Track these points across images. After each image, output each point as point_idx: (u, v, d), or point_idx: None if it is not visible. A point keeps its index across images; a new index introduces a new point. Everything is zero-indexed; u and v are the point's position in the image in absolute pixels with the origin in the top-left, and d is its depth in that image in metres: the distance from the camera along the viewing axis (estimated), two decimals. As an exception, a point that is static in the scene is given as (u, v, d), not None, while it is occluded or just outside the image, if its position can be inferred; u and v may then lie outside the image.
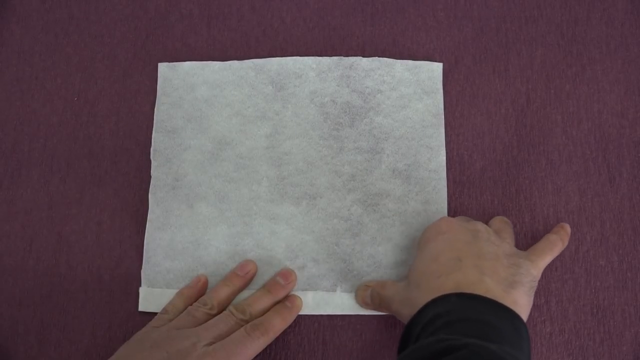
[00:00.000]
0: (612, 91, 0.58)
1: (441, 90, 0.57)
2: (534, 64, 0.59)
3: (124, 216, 0.56)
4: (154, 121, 0.57)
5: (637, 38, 0.59)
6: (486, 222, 0.52)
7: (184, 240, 0.55)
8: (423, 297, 0.44)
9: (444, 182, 0.55)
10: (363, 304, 0.52)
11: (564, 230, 0.52)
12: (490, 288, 0.43)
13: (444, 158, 0.56)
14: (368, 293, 0.51)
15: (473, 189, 0.56)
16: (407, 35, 0.60)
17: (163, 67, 0.59)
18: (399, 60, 0.58)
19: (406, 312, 0.46)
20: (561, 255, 0.53)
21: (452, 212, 0.55)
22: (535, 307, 0.52)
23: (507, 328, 0.41)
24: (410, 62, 0.58)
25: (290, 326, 0.52)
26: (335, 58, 0.58)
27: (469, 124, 0.57)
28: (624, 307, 0.53)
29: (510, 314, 0.42)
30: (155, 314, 0.51)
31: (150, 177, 0.56)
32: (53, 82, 0.59)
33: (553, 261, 0.51)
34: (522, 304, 0.44)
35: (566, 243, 0.52)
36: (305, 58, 0.58)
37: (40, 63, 0.60)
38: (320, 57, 0.58)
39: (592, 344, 0.52)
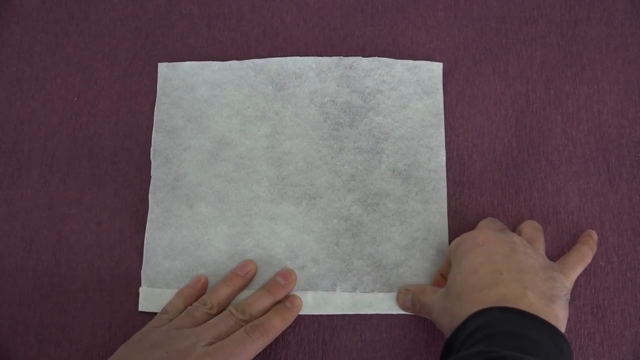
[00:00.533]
0: (612, 91, 0.58)
1: (441, 90, 0.57)
2: (534, 65, 0.59)
3: (124, 216, 0.56)
4: (154, 121, 0.57)
5: (637, 38, 0.59)
6: None
7: (184, 240, 0.55)
8: (464, 309, 0.44)
9: (444, 182, 0.55)
10: (404, 307, 0.52)
11: (592, 239, 0.52)
12: (533, 303, 0.43)
13: (444, 158, 0.56)
14: (409, 297, 0.51)
15: (473, 189, 0.56)
16: (407, 35, 0.60)
17: (163, 67, 0.59)
18: (399, 60, 0.58)
19: (446, 322, 0.46)
20: (561, 256, 0.53)
21: (452, 212, 0.55)
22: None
23: (547, 343, 0.41)
24: (410, 62, 0.58)
25: (290, 326, 0.52)
26: (335, 58, 0.58)
27: (469, 124, 0.57)
28: (624, 307, 0.53)
29: (551, 330, 0.42)
30: (155, 314, 0.51)
31: (150, 177, 0.56)
32: (53, 82, 0.59)
33: (553, 261, 0.51)
34: (561, 318, 0.44)
35: (595, 251, 0.52)
36: (305, 58, 0.58)
37: (40, 63, 0.60)
38: (320, 57, 0.58)
39: (592, 344, 0.52)
